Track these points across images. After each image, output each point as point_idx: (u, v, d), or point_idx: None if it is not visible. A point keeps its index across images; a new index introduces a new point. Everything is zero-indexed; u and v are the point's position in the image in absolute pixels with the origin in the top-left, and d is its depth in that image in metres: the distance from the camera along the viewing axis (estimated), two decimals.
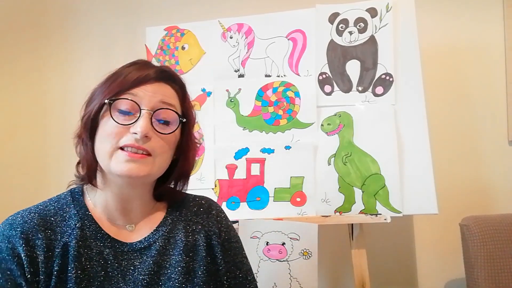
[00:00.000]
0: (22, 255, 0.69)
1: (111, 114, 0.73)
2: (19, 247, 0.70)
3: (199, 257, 0.80)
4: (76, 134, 0.78)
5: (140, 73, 0.76)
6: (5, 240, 0.71)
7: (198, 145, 0.88)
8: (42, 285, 0.70)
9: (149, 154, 0.74)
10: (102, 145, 0.73)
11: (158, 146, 0.74)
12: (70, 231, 0.74)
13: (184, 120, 0.79)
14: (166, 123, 0.76)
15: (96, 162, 0.75)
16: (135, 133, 0.71)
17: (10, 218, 0.74)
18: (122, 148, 0.72)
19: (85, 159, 0.76)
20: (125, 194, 0.78)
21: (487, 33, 1.72)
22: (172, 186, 0.86)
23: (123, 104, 0.74)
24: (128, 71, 0.77)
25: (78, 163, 0.80)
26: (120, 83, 0.75)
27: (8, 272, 0.69)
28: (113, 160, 0.72)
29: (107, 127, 0.73)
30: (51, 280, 0.70)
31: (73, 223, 0.75)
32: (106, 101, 0.73)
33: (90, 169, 0.76)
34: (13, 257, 0.69)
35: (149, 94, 0.75)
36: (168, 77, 0.80)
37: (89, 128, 0.75)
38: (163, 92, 0.77)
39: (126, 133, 0.72)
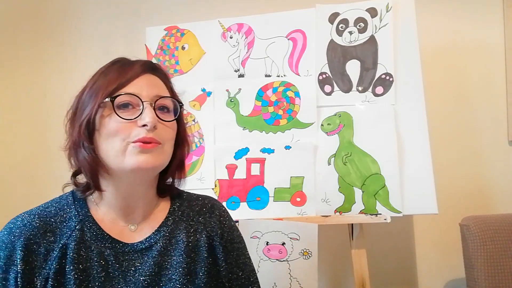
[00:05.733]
0: (18, 261, 0.70)
1: (115, 111, 0.72)
2: (16, 254, 0.70)
3: (200, 258, 0.80)
4: (69, 145, 0.77)
5: (131, 68, 0.76)
6: (3, 246, 0.71)
7: (193, 137, 0.90)
8: None
9: (159, 143, 0.74)
10: (110, 144, 0.73)
11: (165, 133, 0.76)
12: (69, 232, 0.74)
13: (181, 104, 0.81)
14: (167, 111, 0.78)
15: (99, 166, 0.74)
16: (145, 125, 0.72)
17: (11, 221, 0.74)
18: (133, 142, 0.73)
19: (89, 165, 0.74)
20: (131, 192, 0.78)
21: (487, 33, 1.72)
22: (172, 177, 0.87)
23: (124, 99, 0.73)
24: (115, 69, 0.77)
25: (74, 174, 0.80)
26: (114, 80, 0.74)
27: (4, 282, 0.70)
28: (127, 155, 0.72)
29: (112, 125, 0.73)
30: (48, 283, 0.70)
31: (73, 224, 0.75)
32: (107, 99, 0.73)
33: (94, 175, 0.75)
34: (9, 265, 0.70)
35: (145, 87, 0.75)
36: (153, 68, 0.80)
37: (88, 133, 0.74)
38: (155, 83, 0.78)
39: (134, 128, 0.73)
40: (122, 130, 0.72)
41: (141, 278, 0.74)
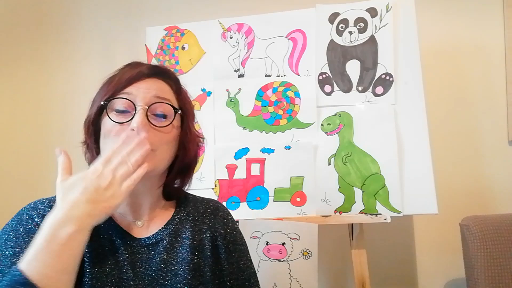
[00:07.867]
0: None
1: (107, 115, 0.76)
2: (36, 229, 0.72)
3: (204, 256, 0.82)
4: (82, 142, 0.81)
5: (133, 71, 0.79)
6: (25, 218, 0.75)
7: (201, 138, 0.89)
8: None
9: None
10: (106, 144, 0.76)
11: (156, 139, 0.76)
12: None
13: (179, 111, 0.81)
14: (163, 116, 0.78)
15: None
16: (133, 130, 0.74)
17: (33, 201, 0.78)
18: None
19: (91, 163, 0.78)
20: (135, 189, 0.79)
21: (487, 33, 1.72)
22: (178, 182, 0.88)
23: (119, 103, 0.76)
24: (122, 71, 0.80)
25: None
26: (115, 84, 0.78)
27: (32, 235, 0.70)
28: None
29: (107, 126, 0.76)
30: None
31: None
32: (102, 103, 0.76)
33: None
34: (30, 237, 0.70)
35: (143, 91, 0.77)
36: (161, 72, 0.82)
37: (92, 133, 0.79)
38: (156, 87, 0.79)
39: (125, 131, 0.75)
40: (114, 131, 0.75)
41: (148, 272, 0.77)
